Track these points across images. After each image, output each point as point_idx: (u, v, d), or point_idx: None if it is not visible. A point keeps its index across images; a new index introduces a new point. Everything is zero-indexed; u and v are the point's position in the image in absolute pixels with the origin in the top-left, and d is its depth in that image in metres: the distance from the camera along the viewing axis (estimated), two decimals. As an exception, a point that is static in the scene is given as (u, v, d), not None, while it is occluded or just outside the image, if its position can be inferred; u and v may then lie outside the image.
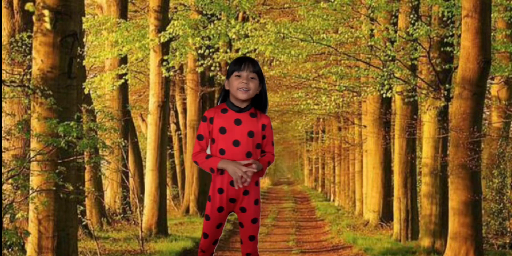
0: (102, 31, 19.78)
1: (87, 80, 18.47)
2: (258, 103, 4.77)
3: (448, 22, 15.38)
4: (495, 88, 18.87)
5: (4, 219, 10.87)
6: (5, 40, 13.40)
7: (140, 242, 15.17)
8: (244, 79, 4.65)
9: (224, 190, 4.66)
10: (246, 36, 15.86)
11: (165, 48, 18.18)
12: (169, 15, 20.68)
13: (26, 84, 11.50)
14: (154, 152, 18.22)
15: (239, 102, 4.70)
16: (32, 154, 10.66)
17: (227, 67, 4.79)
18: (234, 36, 15.50)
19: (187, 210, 25.46)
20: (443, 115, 15.57)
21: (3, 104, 13.21)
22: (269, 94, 32.85)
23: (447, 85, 15.37)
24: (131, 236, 16.80)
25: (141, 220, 15.98)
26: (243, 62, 4.68)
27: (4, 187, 11.06)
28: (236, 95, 4.68)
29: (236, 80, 4.66)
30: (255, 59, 4.79)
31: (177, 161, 33.12)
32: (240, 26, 15.23)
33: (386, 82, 15.96)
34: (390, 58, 15.96)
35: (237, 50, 20.17)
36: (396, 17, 17.59)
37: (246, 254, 4.79)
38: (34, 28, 10.82)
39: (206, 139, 4.70)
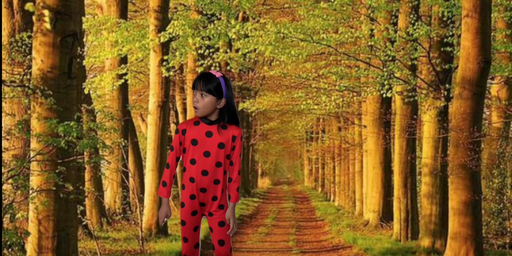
0: (102, 31, 19.76)
1: (87, 80, 18.46)
2: (226, 115, 4.94)
3: (448, 22, 15.37)
4: (495, 88, 18.86)
5: (4, 219, 10.86)
6: (5, 40, 13.40)
7: (140, 242, 15.17)
8: (195, 98, 4.92)
9: (196, 195, 4.94)
10: (246, 36, 15.85)
11: (165, 48, 18.17)
12: (169, 15, 20.66)
13: (26, 84, 11.49)
14: (154, 152, 18.21)
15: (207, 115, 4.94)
16: (32, 154, 10.66)
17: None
18: (234, 36, 15.50)
19: (187, 210, 25.45)
20: (443, 115, 15.57)
21: (3, 104, 13.20)
22: (269, 94, 32.89)
23: (447, 85, 15.37)
24: (131, 236, 16.78)
25: (141, 220, 15.98)
26: (197, 81, 4.93)
27: (4, 187, 11.06)
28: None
29: (193, 98, 4.97)
30: (218, 73, 4.91)
31: (177, 161, 33.07)
32: (240, 26, 15.22)
33: (386, 82, 15.96)
34: (390, 58, 15.95)
35: (237, 50, 20.16)
36: (396, 17, 17.58)
37: None
38: (34, 28, 10.82)
39: (176, 150, 4.96)
